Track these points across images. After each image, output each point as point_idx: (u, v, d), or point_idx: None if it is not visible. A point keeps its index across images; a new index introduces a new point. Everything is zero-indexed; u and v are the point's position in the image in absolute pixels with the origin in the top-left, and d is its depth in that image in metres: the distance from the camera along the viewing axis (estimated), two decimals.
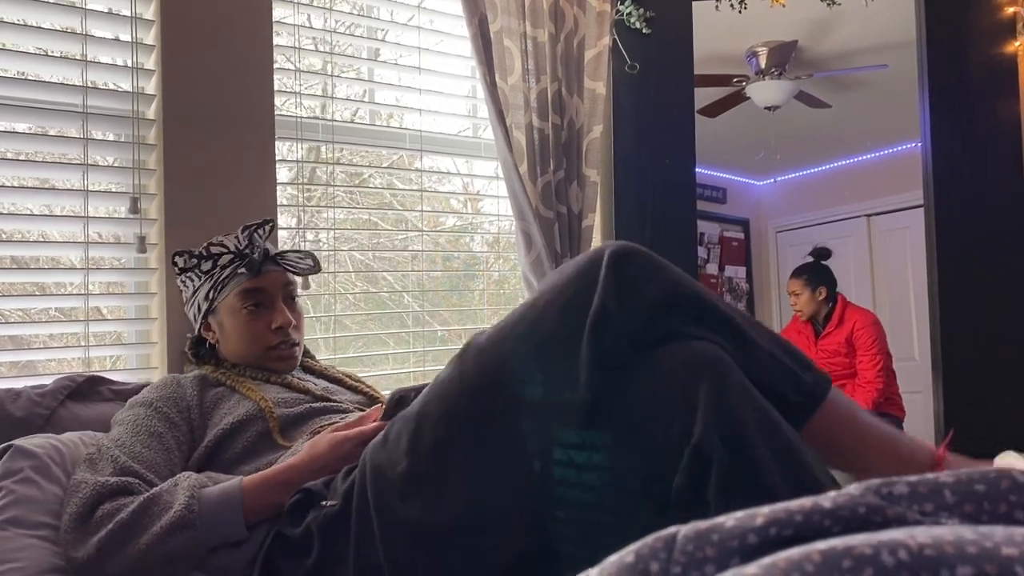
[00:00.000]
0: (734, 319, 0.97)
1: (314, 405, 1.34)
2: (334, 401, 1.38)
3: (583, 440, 0.91)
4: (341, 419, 1.29)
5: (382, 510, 1.00)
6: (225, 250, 1.45)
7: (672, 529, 0.43)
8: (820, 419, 0.97)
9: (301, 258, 1.49)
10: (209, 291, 1.43)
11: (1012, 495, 0.43)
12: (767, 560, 0.36)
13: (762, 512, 0.42)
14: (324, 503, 1.07)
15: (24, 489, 1.13)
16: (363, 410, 1.38)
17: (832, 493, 0.43)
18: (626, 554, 0.42)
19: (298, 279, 1.53)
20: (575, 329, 0.93)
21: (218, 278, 1.43)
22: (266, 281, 1.43)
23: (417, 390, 1.13)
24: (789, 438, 0.87)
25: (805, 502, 0.42)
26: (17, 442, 1.19)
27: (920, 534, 0.36)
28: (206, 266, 1.45)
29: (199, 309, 1.46)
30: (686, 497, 0.83)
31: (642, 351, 0.93)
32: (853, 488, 0.43)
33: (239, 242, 1.46)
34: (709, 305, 0.97)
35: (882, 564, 0.35)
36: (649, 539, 0.42)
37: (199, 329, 1.47)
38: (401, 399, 1.17)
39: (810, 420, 0.96)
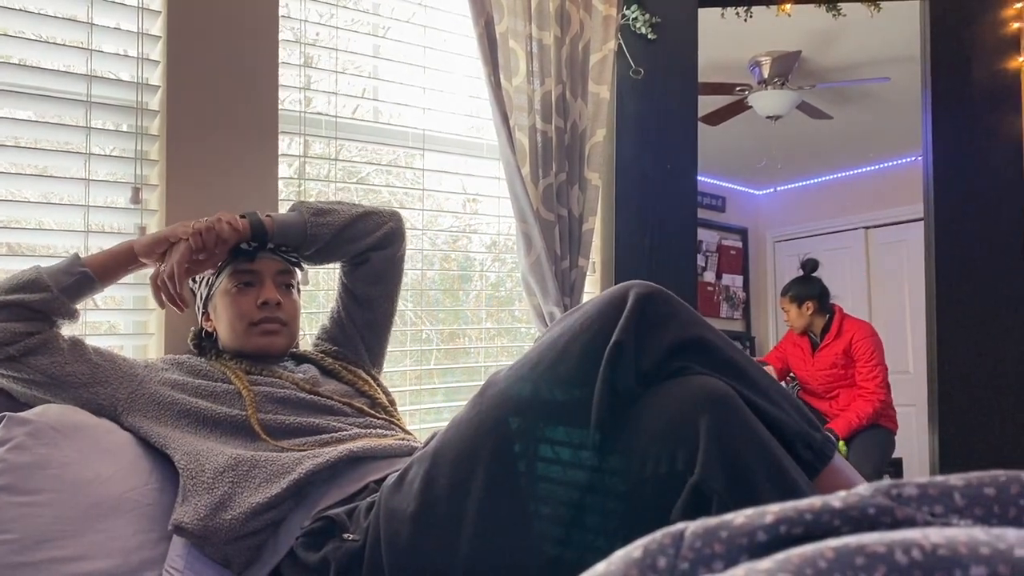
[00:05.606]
0: (749, 370, 0.98)
1: (302, 396, 1.34)
2: (322, 396, 1.37)
3: (593, 480, 0.93)
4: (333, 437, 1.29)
5: (393, 552, 1.01)
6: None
7: (680, 525, 0.42)
8: (824, 479, 0.97)
9: None
10: (209, 277, 1.48)
11: (1022, 499, 0.43)
12: (780, 556, 0.36)
13: (772, 510, 0.41)
14: (347, 536, 1.07)
15: (15, 456, 1.14)
16: (352, 404, 1.38)
17: (842, 493, 0.42)
18: (633, 549, 0.42)
19: (299, 274, 1.53)
20: (593, 370, 0.94)
21: (220, 265, 1.47)
22: (259, 264, 1.45)
23: None
24: (796, 480, 0.88)
25: (815, 501, 0.42)
26: (12, 413, 1.20)
27: (933, 534, 0.36)
28: None
29: (200, 298, 1.49)
30: None
31: (650, 386, 0.95)
32: (863, 489, 0.43)
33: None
34: (724, 353, 0.98)
35: (895, 562, 0.34)
36: (657, 534, 0.42)
37: (201, 320, 1.50)
38: None
39: (815, 479, 0.97)
